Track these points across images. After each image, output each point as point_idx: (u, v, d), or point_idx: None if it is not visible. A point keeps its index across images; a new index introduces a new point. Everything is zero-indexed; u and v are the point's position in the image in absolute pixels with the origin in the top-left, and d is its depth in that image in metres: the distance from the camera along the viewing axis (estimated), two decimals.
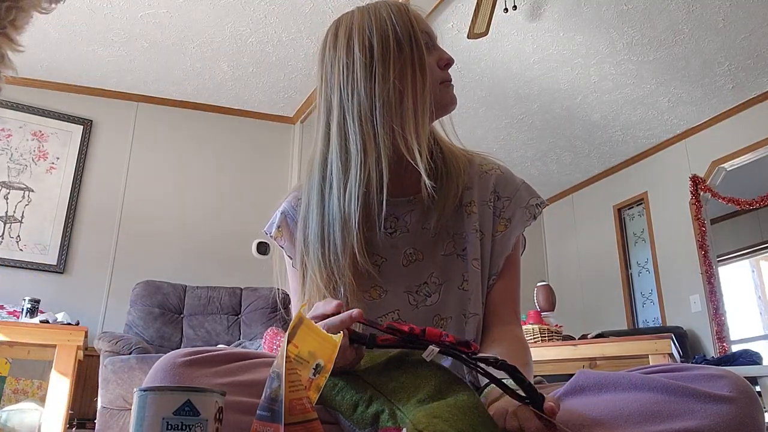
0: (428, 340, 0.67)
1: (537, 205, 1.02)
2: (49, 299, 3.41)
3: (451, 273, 0.99)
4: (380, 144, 0.93)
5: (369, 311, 0.95)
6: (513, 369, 0.64)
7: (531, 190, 1.05)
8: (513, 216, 1.02)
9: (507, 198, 1.03)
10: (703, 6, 3.29)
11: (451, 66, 1.01)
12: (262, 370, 0.77)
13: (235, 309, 3.62)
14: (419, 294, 0.97)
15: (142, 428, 0.54)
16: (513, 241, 1.01)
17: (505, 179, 1.05)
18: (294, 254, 1.03)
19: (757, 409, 0.67)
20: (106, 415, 2.68)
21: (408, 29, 0.97)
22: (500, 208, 1.03)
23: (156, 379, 0.71)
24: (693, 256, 4.37)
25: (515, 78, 4.02)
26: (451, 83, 1.01)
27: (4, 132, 3.85)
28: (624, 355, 2.64)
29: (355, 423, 0.68)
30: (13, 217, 3.73)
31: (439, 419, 0.60)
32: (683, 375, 0.71)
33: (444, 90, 1.00)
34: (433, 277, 0.98)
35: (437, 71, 0.99)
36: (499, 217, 1.02)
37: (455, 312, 0.96)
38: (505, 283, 1.00)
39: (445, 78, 1.00)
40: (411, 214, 1.00)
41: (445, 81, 1.00)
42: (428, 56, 0.98)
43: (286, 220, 1.06)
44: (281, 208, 1.08)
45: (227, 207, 4.31)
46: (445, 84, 1.00)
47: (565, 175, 5.41)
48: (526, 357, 0.91)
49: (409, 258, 0.99)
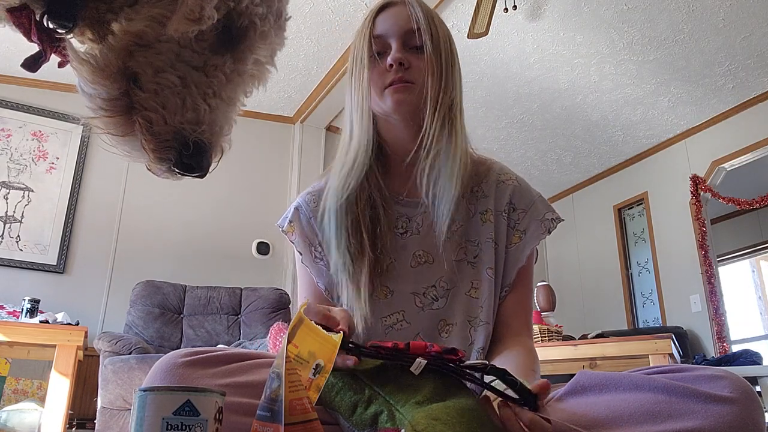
0: (414, 354, 0.67)
1: (552, 219, 1.03)
2: (49, 299, 3.40)
3: (460, 279, 0.99)
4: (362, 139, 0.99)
5: (375, 311, 0.95)
6: (503, 372, 0.64)
7: (547, 204, 1.05)
8: (528, 228, 1.02)
9: (522, 210, 1.03)
10: (703, 6, 3.29)
11: (396, 66, 0.97)
12: (262, 371, 0.77)
13: (235, 309, 3.62)
14: (426, 297, 0.97)
15: (142, 428, 0.54)
16: (527, 253, 1.01)
17: (522, 191, 1.05)
18: (304, 249, 1.03)
19: (757, 410, 0.67)
20: (106, 415, 2.68)
21: (355, 42, 1.02)
22: (515, 219, 1.03)
23: (156, 379, 0.71)
24: (693, 256, 4.36)
25: (515, 78, 4.02)
26: (400, 84, 0.97)
27: (4, 132, 3.85)
28: (624, 355, 2.64)
29: (354, 424, 0.68)
30: (12, 217, 3.73)
31: (438, 421, 0.60)
32: (684, 376, 0.71)
33: (385, 96, 0.98)
34: (442, 282, 0.98)
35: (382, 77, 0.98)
36: (513, 228, 1.03)
37: (460, 318, 0.96)
38: (518, 295, 1.01)
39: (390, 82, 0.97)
40: (423, 217, 1.01)
41: (389, 85, 0.97)
42: (378, 62, 0.98)
43: (299, 215, 1.06)
44: (295, 202, 1.08)
45: (227, 207, 4.30)
46: (391, 87, 0.97)
47: (565, 175, 5.41)
48: (534, 365, 0.90)
49: (418, 260, 0.99)
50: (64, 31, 0.62)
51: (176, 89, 0.61)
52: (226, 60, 0.65)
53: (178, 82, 0.61)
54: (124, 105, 0.62)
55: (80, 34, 0.63)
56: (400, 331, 0.96)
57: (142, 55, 0.61)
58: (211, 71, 0.64)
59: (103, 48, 0.60)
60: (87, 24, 0.62)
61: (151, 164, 0.64)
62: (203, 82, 0.63)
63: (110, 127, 0.63)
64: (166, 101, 0.60)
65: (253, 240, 4.28)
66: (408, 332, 0.96)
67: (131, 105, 0.62)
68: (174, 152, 0.62)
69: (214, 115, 0.63)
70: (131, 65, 0.61)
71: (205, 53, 0.63)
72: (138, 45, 0.61)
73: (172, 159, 0.62)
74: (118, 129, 0.62)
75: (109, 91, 0.61)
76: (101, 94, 0.61)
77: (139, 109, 0.61)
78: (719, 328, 4.13)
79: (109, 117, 0.62)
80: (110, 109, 0.62)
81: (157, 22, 0.61)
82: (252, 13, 0.65)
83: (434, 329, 0.97)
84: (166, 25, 0.60)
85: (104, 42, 0.61)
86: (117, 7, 0.61)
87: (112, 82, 0.61)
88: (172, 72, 0.61)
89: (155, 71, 0.61)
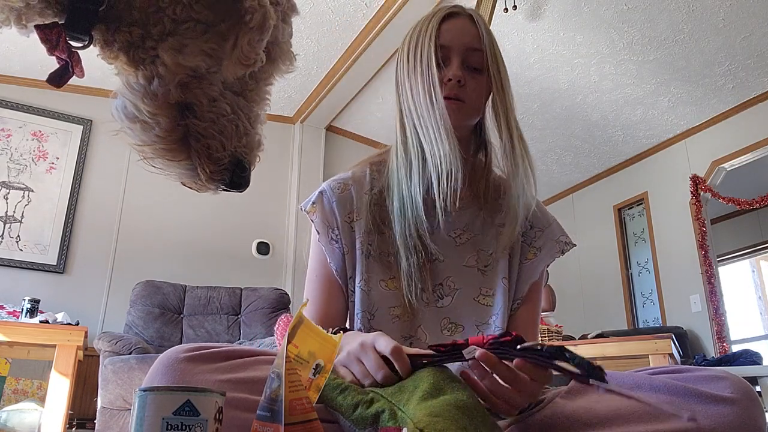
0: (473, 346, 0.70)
1: (566, 243, 1.09)
2: (49, 299, 3.41)
3: (468, 284, 1.02)
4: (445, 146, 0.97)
5: (382, 300, 0.99)
6: (561, 349, 0.64)
7: (561, 228, 1.11)
8: (543, 246, 1.07)
9: (539, 230, 1.09)
10: (703, 6, 3.29)
11: (453, 82, 1.00)
12: (263, 367, 0.77)
13: (235, 309, 3.62)
14: (434, 293, 1.01)
15: (142, 428, 0.54)
16: (540, 269, 1.06)
17: (540, 212, 1.10)
18: (322, 230, 1.05)
19: (758, 411, 0.67)
20: (106, 415, 2.68)
21: (419, 44, 1.02)
22: (531, 237, 1.08)
23: (157, 374, 0.72)
24: (693, 256, 4.36)
25: (515, 78, 4.02)
26: (454, 100, 1.00)
27: (3, 132, 3.85)
28: (624, 355, 2.64)
29: (355, 422, 0.68)
30: (12, 217, 3.73)
31: (440, 418, 0.60)
32: (685, 376, 0.71)
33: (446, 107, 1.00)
34: (450, 281, 1.02)
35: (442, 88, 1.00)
36: (529, 245, 1.08)
37: (468, 322, 1.00)
38: (528, 310, 1.06)
39: (446, 95, 1.00)
40: (442, 221, 1.03)
41: (446, 96, 1.00)
42: (441, 72, 1.00)
43: (322, 198, 1.08)
44: (321, 186, 1.11)
45: (227, 207, 4.30)
46: (446, 100, 1.00)
47: (565, 175, 5.41)
48: None
49: (430, 257, 1.02)
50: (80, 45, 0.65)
51: (229, 117, 0.66)
52: (259, 84, 0.70)
53: (229, 110, 0.66)
54: (180, 133, 0.66)
55: (114, 58, 0.66)
56: (406, 323, 1.00)
57: (197, 87, 0.65)
58: (249, 96, 0.69)
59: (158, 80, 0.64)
60: (122, 48, 0.64)
61: (202, 184, 0.69)
62: (245, 107, 0.68)
63: (167, 155, 0.67)
64: (222, 129, 0.66)
65: (253, 240, 4.28)
66: (411, 325, 1.00)
67: (187, 133, 0.66)
68: (228, 173, 0.68)
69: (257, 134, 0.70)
70: (187, 96, 0.65)
71: (244, 79, 0.68)
72: (192, 77, 0.65)
73: (226, 180, 0.68)
74: (174, 155, 0.67)
75: (167, 121, 0.65)
76: (160, 123, 0.65)
77: (195, 136, 0.66)
78: (719, 328, 4.13)
79: (167, 146, 0.66)
80: (168, 137, 0.66)
81: (209, 56, 0.64)
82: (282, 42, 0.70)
83: (437, 326, 1.00)
84: (220, 63, 0.64)
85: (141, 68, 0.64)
86: (156, 34, 0.64)
87: (170, 112, 0.65)
88: (222, 100, 0.66)
89: (210, 101, 0.65)
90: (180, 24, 0.63)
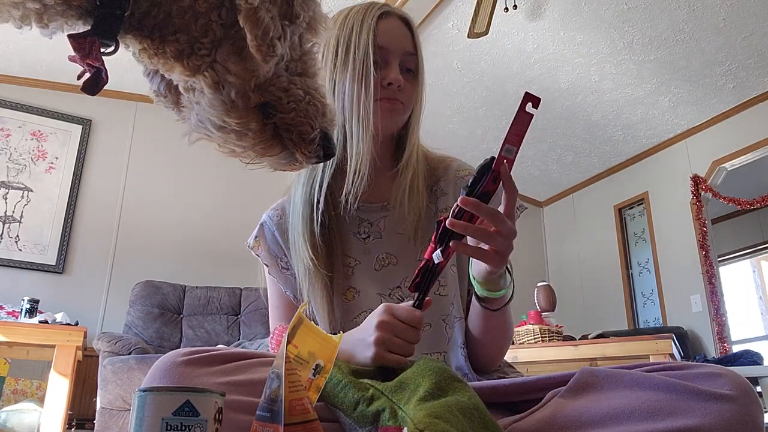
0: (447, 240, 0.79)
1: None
2: (48, 299, 3.40)
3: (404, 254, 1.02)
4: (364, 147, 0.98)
5: (344, 312, 1.00)
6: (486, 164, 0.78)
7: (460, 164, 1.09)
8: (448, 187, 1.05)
9: (441, 179, 1.07)
10: (703, 6, 3.29)
11: (394, 87, 1.00)
12: (262, 369, 0.77)
13: (235, 309, 3.62)
14: (392, 297, 1.00)
15: (142, 428, 0.54)
16: None
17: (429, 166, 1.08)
18: (270, 262, 1.07)
19: (757, 408, 0.67)
20: (106, 416, 2.67)
21: (352, 40, 1.00)
22: (437, 193, 1.06)
23: (155, 378, 0.71)
24: (694, 256, 4.36)
25: (515, 77, 4.02)
26: (387, 101, 1.00)
27: (3, 131, 3.84)
28: (625, 356, 2.64)
29: (355, 420, 0.68)
30: (12, 217, 3.73)
31: (440, 419, 0.60)
32: (684, 373, 0.71)
33: (378, 107, 0.99)
34: (407, 282, 0.99)
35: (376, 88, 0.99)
36: (438, 198, 1.05)
37: (433, 318, 0.98)
38: None
39: (385, 96, 1.00)
40: (384, 220, 1.04)
41: (382, 98, 1.00)
42: (377, 72, 0.99)
43: (263, 230, 1.11)
44: (262, 218, 1.13)
45: (227, 207, 4.30)
46: (381, 101, 1.00)
47: (565, 175, 5.41)
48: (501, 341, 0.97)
49: (382, 262, 1.02)
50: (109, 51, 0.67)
51: (306, 99, 0.69)
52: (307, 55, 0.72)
53: (302, 93, 0.69)
54: (271, 130, 0.69)
55: (170, 70, 0.67)
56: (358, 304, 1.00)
57: (270, 83, 0.68)
58: (309, 71, 0.71)
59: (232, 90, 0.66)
60: (175, 57, 0.65)
61: (300, 164, 0.73)
62: (311, 83, 0.71)
63: (267, 153, 0.71)
64: (305, 113, 0.69)
65: None
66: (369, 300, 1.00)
67: (276, 127, 0.69)
68: (321, 148, 0.71)
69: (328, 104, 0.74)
70: (264, 96, 0.68)
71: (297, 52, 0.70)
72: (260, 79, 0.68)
73: (321, 154, 0.72)
74: (272, 151, 0.71)
75: (256, 124, 0.68)
76: (251, 128, 0.68)
77: (286, 128, 0.69)
78: (720, 329, 4.13)
79: (265, 145, 0.70)
80: (263, 138, 0.69)
81: None
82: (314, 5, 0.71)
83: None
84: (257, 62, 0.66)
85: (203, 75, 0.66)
86: (208, 42, 0.65)
87: (256, 116, 0.68)
88: (294, 88, 0.69)
89: (285, 92, 0.68)
90: (229, 28, 0.64)
